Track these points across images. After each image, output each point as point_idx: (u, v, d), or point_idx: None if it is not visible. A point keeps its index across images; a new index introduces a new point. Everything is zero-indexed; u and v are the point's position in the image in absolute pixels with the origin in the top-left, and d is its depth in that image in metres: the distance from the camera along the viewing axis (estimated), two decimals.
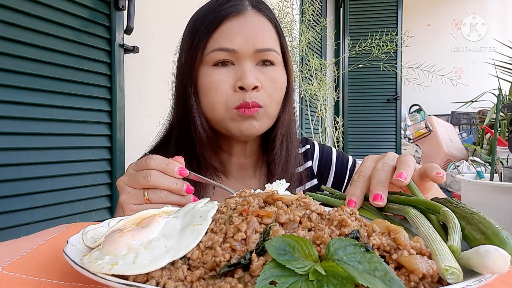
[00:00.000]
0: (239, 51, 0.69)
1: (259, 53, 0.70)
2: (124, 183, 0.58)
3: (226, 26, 0.70)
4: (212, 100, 0.70)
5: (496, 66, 4.69)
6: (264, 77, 0.71)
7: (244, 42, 0.69)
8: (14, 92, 1.12)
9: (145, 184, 0.56)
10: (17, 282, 0.33)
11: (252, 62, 0.71)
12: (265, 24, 0.73)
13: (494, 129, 0.87)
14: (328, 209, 0.38)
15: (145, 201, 0.56)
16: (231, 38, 0.69)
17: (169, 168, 0.56)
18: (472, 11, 5.97)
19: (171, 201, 0.56)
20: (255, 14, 0.72)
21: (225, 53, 0.69)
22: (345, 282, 0.27)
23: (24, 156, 1.15)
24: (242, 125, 0.70)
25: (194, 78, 0.72)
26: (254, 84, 0.68)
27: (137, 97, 1.69)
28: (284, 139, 0.78)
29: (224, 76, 0.70)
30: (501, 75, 4.63)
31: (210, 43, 0.70)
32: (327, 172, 0.87)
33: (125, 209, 0.57)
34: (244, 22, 0.70)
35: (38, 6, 1.19)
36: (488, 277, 0.29)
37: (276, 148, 0.77)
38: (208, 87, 0.70)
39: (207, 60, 0.70)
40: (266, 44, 0.71)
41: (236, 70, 0.70)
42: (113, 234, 0.35)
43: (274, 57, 0.72)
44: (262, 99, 0.70)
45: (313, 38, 2.97)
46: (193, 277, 0.30)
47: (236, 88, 0.69)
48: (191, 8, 0.80)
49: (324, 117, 3.06)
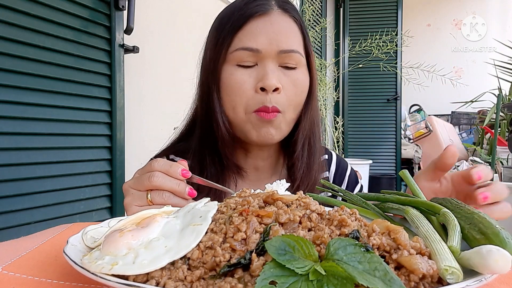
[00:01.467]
0: (262, 51, 0.69)
1: (283, 54, 0.70)
2: (129, 186, 0.59)
3: (250, 25, 0.70)
4: (234, 100, 0.71)
5: (496, 66, 4.69)
6: (286, 79, 0.71)
7: (268, 42, 0.69)
8: (14, 92, 1.12)
9: (148, 185, 0.56)
10: (17, 282, 0.33)
11: (275, 63, 0.70)
12: (290, 25, 0.73)
13: (494, 129, 0.87)
14: (328, 209, 0.38)
15: (148, 202, 0.57)
16: (255, 37, 0.69)
17: (172, 169, 0.57)
18: (472, 11, 5.97)
19: (173, 202, 0.57)
20: (280, 14, 0.72)
21: (248, 52, 0.69)
22: (345, 282, 0.27)
23: (24, 156, 1.15)
24: (260, 130, 0.70)
25: (218, 76, 0.72)
26: (275, 86, 0.68)
27: (137, 97, 1.69)
28: (306, 142, 0.77)
29: (246, 76, 0.70)
30: (501, 75, 4.63)
31: (235, 41, 0.70)
32: (340, 183, 0.88)
33: (129, 211, 0.58)
34: (269, 21, 0.70)
35: (38, 6, 1.19)
36: (488, 277, 0.29)
37: (298, 151, 0.76)
38: (230, 86, 0.70)
39: (230, 58, 0.70)
40: (290, 45, 0.70)
41: (258, 70, 0.70)
42: (113, 234, 0.35)
43: (298, 59, 0.72)
44: (281, 103, 0.70)
45: (313, 38, 2.97)
46: (193, 277, 0.30)
47: (258, 89, 0.69)
48: (191, 8, 0.80)
49: (324, 117, 3.06)
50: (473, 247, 0.32)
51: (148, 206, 0.57)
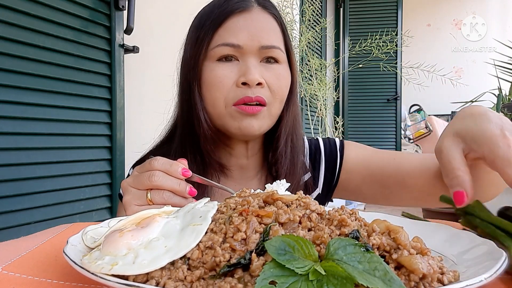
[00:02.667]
0: (244, 46, 0.69)
1: (264, 49, 0.70)
2: (128, 184, 0.59)
3: (231, 22, 0.70)
4: (214, 95, 0.70)
5: (496, 66, 4.69)
6: (268, 73, 0.70)
7: (249, 38, 0.69)
8: (14, 92, 1.12)
9: (148, 185, 0.56)
10: (17, 282, 0.33)
11: (257, 58, 0.70)
12: (270, 22, 0.73)
13: None
14: (328, 209, 0.38)
15: (147, 202, 0.56)
16: (236, 33, 0.69)
17: (172, 169, 0.57)
18: (472, 11, 5.97)
19: (174, 202, 0.56)
20: (260, 11, 0.72)
21: (229, 48, 0.69)
22: (345, 282, 0.27)
23: (24, 156, 1.15)
24: (241, 123, 0.70)
25: (198, 73, 0.72)
26: (258, 80, 0.68)
27: (137, 97, 1.69)
28: (289, 138, 0.77)
29: (227, 71, 0.69)
30: (501, 75, 4.62)
31: (215, 38, 0.70)
32: (318, 163, 0.85)
33: (128, 210, 0.57)
34: (249, 18, 0.70)
35: (38, 6, 1.19)
36: (488, 277, 0.29)
37: (280, 147, 0.76)
38: (211, 82, 0.70)
39: (211, 55, 0.70)
40: (271, 41, 0.71)
41: (240, 66, 0.70)
42: (113, 234, 0.35)
43: (279, 55, 0.72)
44: (266, 96, 0.70)
45: (313, 38, 2.97)
46: (193, 277, 0.30)
47: (239, 83, 0.68)
48: (191, 8, 0.80)
49: (324, 117, 3.06)
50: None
51: (148, 206, 0.56)
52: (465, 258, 0.36)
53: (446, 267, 0.32)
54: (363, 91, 5.03)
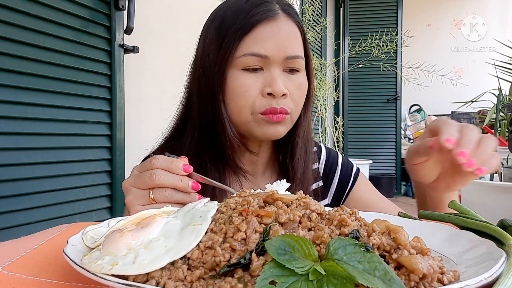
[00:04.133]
0: (270, 57, 0.69)
1: (289, 60, 0.70)
2: (129, 184, 0.58)
3: (258, 31, 0.69)
4: (240, 104, 0.70)
5: (496, 66, 4.68)
6: (291, 83, 0.71)
7: (276, 48, 0.69)
8: (14, 92, 1.12)
9: (150, 184, 0.56)
10: (17, 282, 0.33)
11: (281, 68, 0.71)
12: (295, 31, 0.73)
13: (494, 129, 0.87)
14: (328, 209, 0.38)
15: (150, 201, 0.56)
16: (263, 43, 0.68)
17: (173, 165, 0.56)
18: (472, 11, 5.97)
19: (177, 199, 0.56)
20: (286, 20, 0.72)
21: (256, 58, 0.69)
22: (345, 282, 0.27)
23: (24, 156, 1.15)
24: (267, 129, 0.71)
25: (223, 81, 0.71)
26: (283, 92, 0.69)
27: (137, 97, 1.69)
28: (304, 142, 0.79)
29: (252, 80, 0.69)
30: (501, 75, 4.62)
31: (241, 47, 0.69)
32: (332, 175, 0.87)
33: (131, 210, 0.57)
34: (276, 27, 0.70)
35: (38, 6, 1.19)
36: (488, 276, 0.29)
37: (299, 153, 0.77)
38: (236, 91, 0.70)
39: (236, 63, 0.69)
40: (295, 51, 0.71)
41: (265, 75, 0.70)
42: (113, 234, 0.35)
43: (300, 64, 0.72)
44: (289, 106, 0.71)
45: (313, 38, 2.97)
46: (193, 277, 0.30)
47: (265, 93, 0.69)
48: (191, 8, 0.80)
49: (324, 117, 3.06)
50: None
51: (151, 205, 0.56)
52: (465, 258, 0.36)
53: (446, 267, 0.32)
54: (363, 91, 5.03)
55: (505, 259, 0.32)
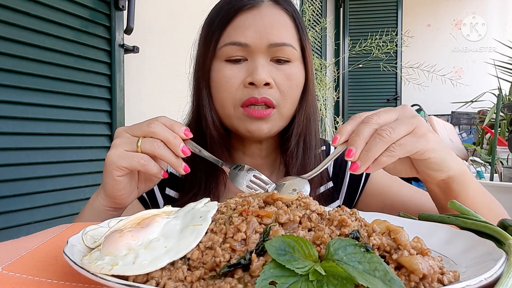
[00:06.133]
0: (251, 45, 0.66)
1: (273, 47, 0.67)
2: (123, 130, 0.58)
3: (239, 19, 0.67)
4: (222, 96, 0.69)
5: (496, 66, 4.68)
6: (278, 73, 0.68)
7: (257, 35, 0.66)
8: (14, 92, 1.12)
9: (146, 130, 0.55)
10: (17, 282, 0.33)
11: (266, 57, 0.68)
12: (282, 17, 0.70)
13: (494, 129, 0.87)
14: (328, 209, 0.38)
15: (136, 148, 0.55)
16: (243, 31, 0.66)
17: (176, 125, 0.56)
18: (472, 11, 5.97)
19: (162, 153, 0.55)
20: (271, 7, 0.69)
21: (237, 47, 0.67)
22: (345, 282, 0.27)
23: (24, 156, 1.15)
24: (250, 126, 0.68)
25: (207, 72, 0.70)
26: (265, 80, 0.65)
27: (137, 97, 1.69)
28: (301, 139, 0.74)
29: (235, 71, 0.67)
30: (501, 75, 4.62)
31: (223, 37, 0.68)
32: (343, 174, 0.81)
33: (112, 155, 0.55)
34: (258, 14, 0.67)
35: (38, 6, 1.19)
36: (488, 277, 0.29)
37: (291, 149, 0.73)
38: (219, 82, 0.68)
39: (219, 54, 0.68)
40: (281, 38, 0.67)
41: (248, 65, 0.67)
42: (113, 234, 0.35)
43: (290, 53, 0.69)
44: (275, 97, 0.67)
45: (313, 38, 2.97)
46: (193, 278, 0.30)
47: (246, 83, 0.66)
48: (191, 8, 0.80)
49: (324, 117, 3.06)
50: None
51: (133, 154, 0.55)
52: (465, 258, 0.36)
53: (446, 268, 0.32)
54: (363, 91, 5.03)
55: (505, 259, 0.32)
